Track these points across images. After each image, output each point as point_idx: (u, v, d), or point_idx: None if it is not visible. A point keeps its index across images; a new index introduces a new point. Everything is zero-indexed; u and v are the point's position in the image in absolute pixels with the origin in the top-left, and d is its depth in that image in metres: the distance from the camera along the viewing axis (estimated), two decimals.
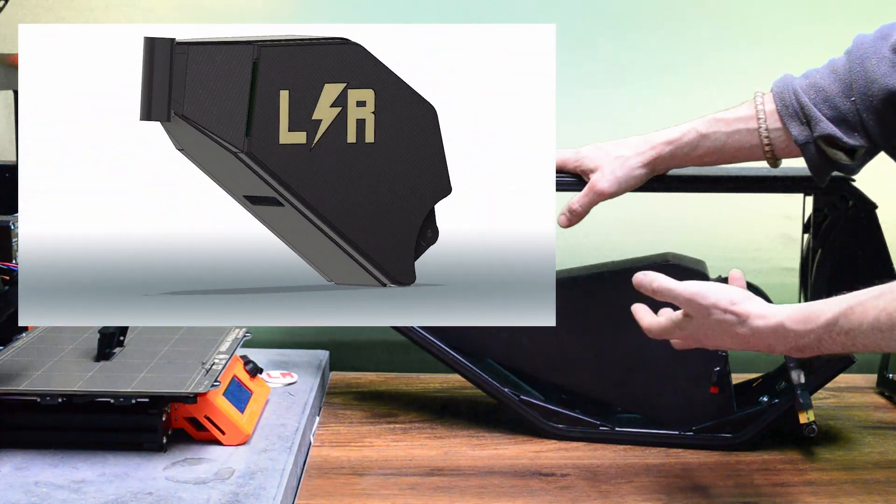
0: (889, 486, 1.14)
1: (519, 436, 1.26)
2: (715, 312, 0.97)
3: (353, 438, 1.25)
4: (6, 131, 1.43)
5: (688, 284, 1.00)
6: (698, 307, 0.98)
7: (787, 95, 1.14)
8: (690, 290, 0.99)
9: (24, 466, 1.06)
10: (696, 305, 0.98)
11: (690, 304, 0.99)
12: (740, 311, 0.97)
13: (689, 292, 0.99)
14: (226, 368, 1.18)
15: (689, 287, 0.99)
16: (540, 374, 1.29)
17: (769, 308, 0.96)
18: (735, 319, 0.97)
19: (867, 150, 1.13)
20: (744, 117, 1.16)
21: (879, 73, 1.09)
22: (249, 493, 1.02)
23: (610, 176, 1.20)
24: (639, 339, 1.25)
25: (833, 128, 1.12)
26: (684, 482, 1.14)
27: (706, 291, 0.98)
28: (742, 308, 0.97)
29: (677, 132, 1.19)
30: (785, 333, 0.94)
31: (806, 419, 1.17)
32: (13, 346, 1.23)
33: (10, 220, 1.24)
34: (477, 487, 1.12)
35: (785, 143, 1.15)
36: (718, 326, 0.98)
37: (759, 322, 0.96)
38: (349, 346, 1.58)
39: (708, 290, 0.98)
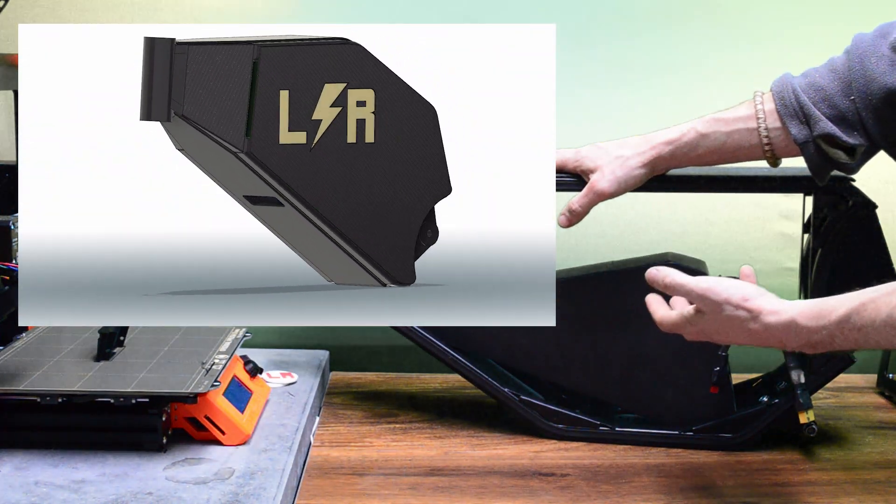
0: (889, 486, 1.14)
1: (519, 436, 1.26)
2: (727, 308, 0.98)
3: (353, 438, 1.25)
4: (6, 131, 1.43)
5: (700, 280, 1.00)
6: (711, 303, 0.99)
7: (786, 94, 1.14)
8: (703, 286, 0.99)
9: (24, 466, 1.06)
10: (709, 301, 0.99)
11: (703, 299, 0.99)
12: (752, 307, 0.97)
13: (702, 288, 0.99)
14: (226, 368, 1.18)
15: (701, 283, 1.00)
16: (540, 374, 1.29)
17: (781, 304, 0.97)
18: (747, 315, 0.97)
19: (866, 149, 1.13)
20: (743, 117, 1.16)
21: (878, 72, 1.09)
22: (249, 493, 1.02)
23: (610, 176, 1.20)
24: (639, 339, 1.25)
25: (832, 127, 1.12)
26: (684, 482, 1.14)
27: (718, 287, 0.98)
28: (754, 304, 0.97)
29: (677, 132, 1.19)
30: (797, 330, 0.95)
31: (806, 419, 1.17)
32: (13, 346, 1.23)
33: (10, 220, 1.24)
34: (477, 487, 1.12)
35: (784, 142, 1.15)
36: (730, 322, 0.98)
37: (771, 318, 0.96)
38: (349, 346, 1.58)
39: (720, 285, 0.99)
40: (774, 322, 0.96)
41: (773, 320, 0.96)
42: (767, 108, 1.15)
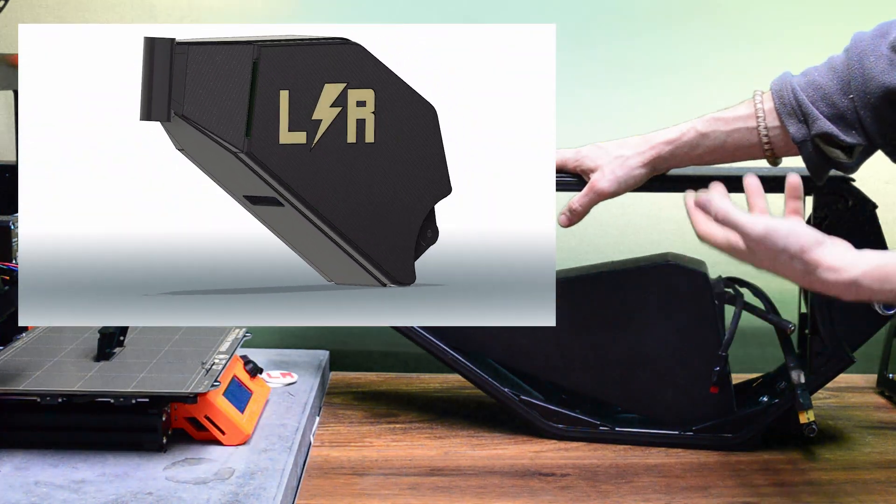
0: (889, 486, 1.14)
1: (519, 436, 1.26)
2: (782, 257, 0.93)
3: (353, 438, 1.25)
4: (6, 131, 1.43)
5: (756, 223, 0.94)
6: (766, 250, 0.93)
7: (785, 93, 1.14)
8: (758, 231, 0.93)
9: (24, 466, 1.06)
10: (764, 247, 0.93)
11: (759, 243, 0.94)
12: (811, 259, 0.92)
13: (758, 233, 0.93)
14: (226, 368, 1.18)
15: (757, 226, 0.93)
16: (540, 374, 1.29)
17: (843, 259, 0.91)
18: (804, 269, 0.92)
19: (865, 148, 1.13)
20: (743, 116, 1.16)
21: (877, 71, 1.09)
22: (249, 493, 1.02)
23: (610, 175, 1.20)
24: (639, 339, 1.26)
25: (830, 125, 1.12)
26: (684, 482, 1.14)
27: (776, 235, 0.92)
28: (812, 256, 0.92)
29: (677, 132, 1.19)
30: (858, 289, 0.91)
31: (806, 419, 1.17)
32: (13, 346, 1.23)
33: (10, 220, 1.24)
34: (477, 487, 1.12)
35: (784, 141, 1.15)
36: (785, 268, 0.93)
37: (830, 275, 0.91)
38: (349, 346, 1.58)
39: (777, 233, 0.92)
40: (833, 280, 0.91)
41: (831, 277, 0.91)
42: (767, 108, 1.15)
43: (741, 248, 0.95)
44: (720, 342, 1.21)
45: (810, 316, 1.24)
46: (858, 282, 0.90)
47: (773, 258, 0.94)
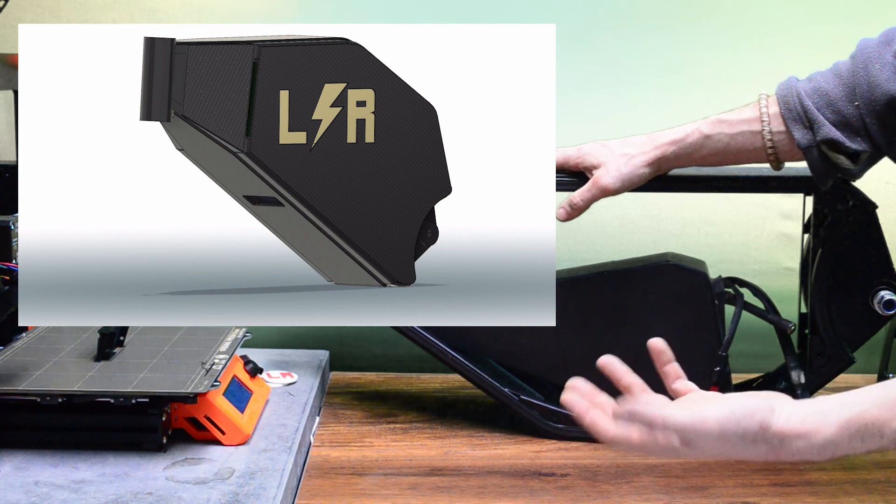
0: (889, 486, 1.14)
1: (519, 436, 1.26)
2: (739, 446, 0.82)
3: (353, 438, 1.25)
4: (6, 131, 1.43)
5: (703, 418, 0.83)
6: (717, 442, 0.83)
7: (790, 99, 1.14)
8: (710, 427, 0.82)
9: (24, 466, 1.06)
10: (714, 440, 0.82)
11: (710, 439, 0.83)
12: (775, 433, 0.82)
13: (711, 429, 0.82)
14: (226, 368, 1.18)
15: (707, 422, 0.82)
16: (540, 374, 1.29)
17: (805, 421, 0.82)
18: (768, 448, 0.82)
19: (870, 155, 1.13)
20: (747, 119, 1.16)
21: (883, 79, 1.09)
22: (249, 493, 1.02)
23: (615, 173, 1.20)
24: (639, 339, 1.25)
25: (836, 132, 1.11)
26: (684, 482, 1.14)
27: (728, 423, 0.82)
28: (775, 430, 0.82)
29: (681, 132, 1.19)
30: (835, 449, 0.81)
31: None
32: (13, 346, 1.23)
33: (10, 220, 1.24)
34: (477, 487, 1.12)
35: (788, 146, 1.15)
36: (739, 454, 0.83)
37: (799, 444, 0.81)
38: (349, 346, 1.58)
39: (729, 420, 0.82)
40: (805, 447, 0.81)
41: (802, 445, 0.81)
42: (772, 112, 1.15)
43: (675, 447, 0.84)
44: (720, 342, 1.21)
45: (810, 316, 1.24)
46: (836, 442, 0.81)
47: (725, 449, 0.83)
